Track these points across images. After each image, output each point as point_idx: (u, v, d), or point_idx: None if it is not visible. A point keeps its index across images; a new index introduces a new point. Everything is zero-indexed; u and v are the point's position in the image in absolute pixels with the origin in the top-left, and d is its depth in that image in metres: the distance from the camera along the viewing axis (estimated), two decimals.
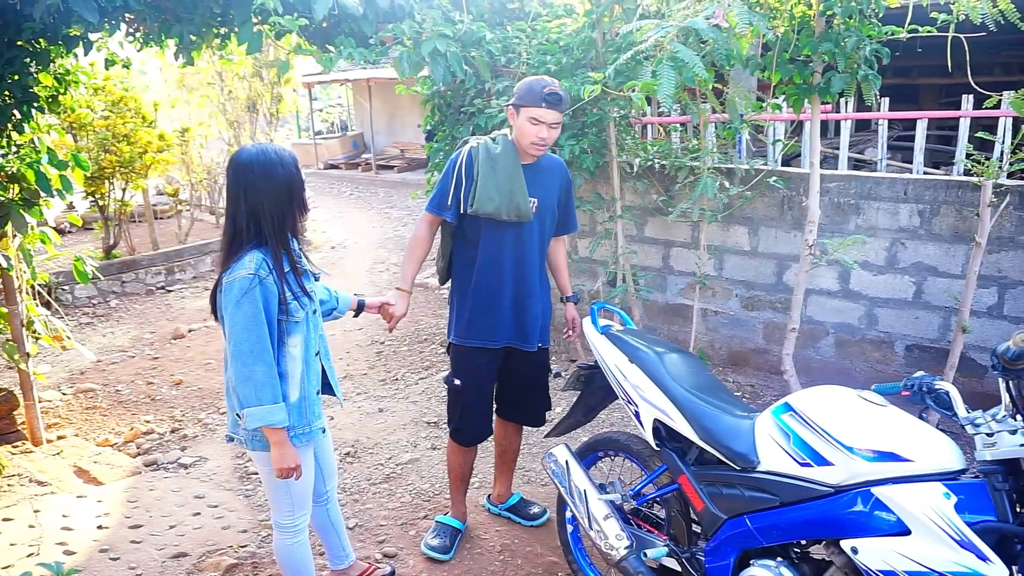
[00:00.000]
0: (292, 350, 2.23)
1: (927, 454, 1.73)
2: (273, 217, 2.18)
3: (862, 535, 1.73)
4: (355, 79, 16.21)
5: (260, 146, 2.25)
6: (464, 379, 2.90)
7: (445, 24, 4.06)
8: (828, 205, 4.13)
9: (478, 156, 2.70)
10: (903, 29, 3.36)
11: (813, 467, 1.87)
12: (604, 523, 2.37)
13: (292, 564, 2.50)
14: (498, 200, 2.66)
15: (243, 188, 2.16)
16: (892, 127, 7.71)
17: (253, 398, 2.11)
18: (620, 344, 2.52)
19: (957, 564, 1.57)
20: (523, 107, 2.62)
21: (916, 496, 1.67)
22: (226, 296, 2.14)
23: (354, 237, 10.44)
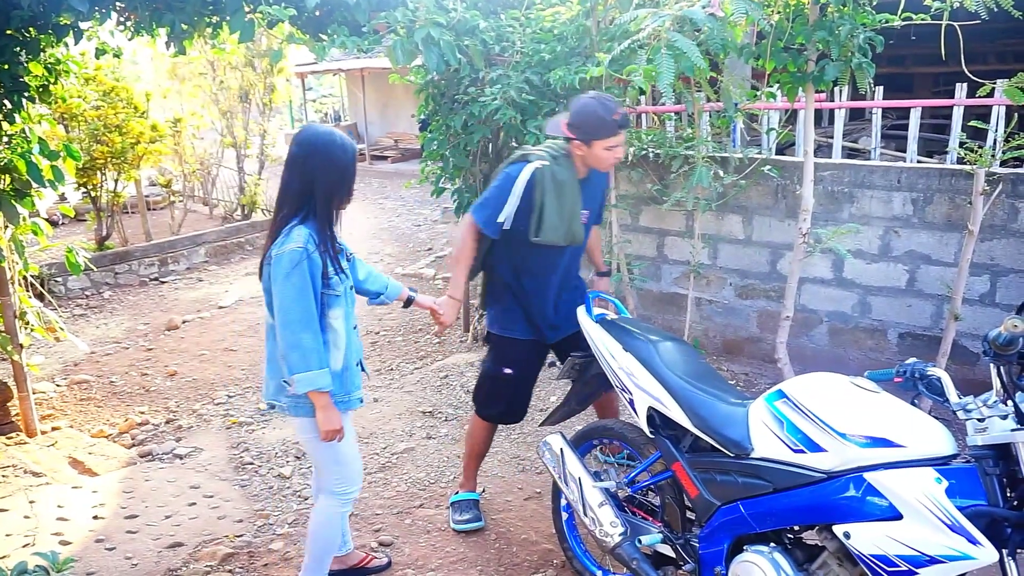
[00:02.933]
0: (334, 322, 2.34)
1: (919, 440, 1.75)
2: (324, 196, 2.29)
3: (854, 520, 1.74)
4: (348, 69, 16.12)
5: (328, 129, 2.41)
6: (514, 368, 2.95)
7: (438, 12, 4.04)
8: (822, 194, 4.14)
9: (542, 182, 2.63)
10: (897, 17, 3.36)
11: (806, 453, 1.88)
12: (599, 510, 2.38)
13: (329, 533, 2.55)
14: (560, 229, 2.67)
15: (302, 163, 2.29)
16: (886, 116, 7.71)
17: (302, 364, 2.20)
18: (614, 332, 2.52)
19: (948, 547, 1.58)
20: (595, 140, 2.56)
21: (908, 481, 1.68)
22: (275, 268, 2.22)
23: (348, 228, 10.27)
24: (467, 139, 4.54)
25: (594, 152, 2.59)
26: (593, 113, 2.54)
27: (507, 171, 2.72)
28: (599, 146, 2.56)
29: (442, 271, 7.60)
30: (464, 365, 5.03)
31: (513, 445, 3.95)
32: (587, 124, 2.55)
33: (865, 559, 1.70)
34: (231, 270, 8.40)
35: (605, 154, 2.58)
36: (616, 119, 2.51)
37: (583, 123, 2.57)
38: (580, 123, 2.58)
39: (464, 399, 4.55)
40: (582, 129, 2.57)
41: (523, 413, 3.13)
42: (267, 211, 10.19)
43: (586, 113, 2.56)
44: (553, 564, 2.91)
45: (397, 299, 2.84)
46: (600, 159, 2.61)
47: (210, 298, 7.25)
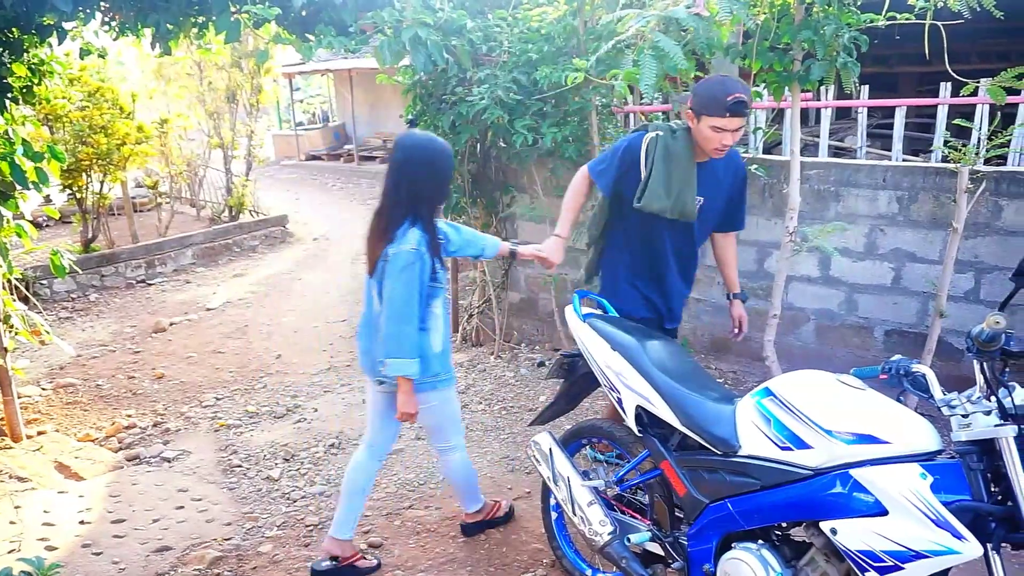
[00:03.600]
0: (435, 310, 2.64)
1: (904, 436, 1.76)
2: (429, 199, 2.56)
3: (841, 516, 1.75)
4: (336, 69, 16.07)
5: (427, 135, 2.64)
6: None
7: (425, 12, 4.03)
8: (808, 192, 4.16)
9: (654, 150, 2.63)
10: (881, 17, 3.38)
11: (793, 450, 1.89)
12: (588, 509, 2.39)
13: (468, 474, 3.03)
14: (666, 200, 2.64)
15: (407, 168, 2.53)
16: (871, 115, 7.77)
17: (397, 351, 2.50)
18: (602, 332, 2.52)
19: (933, 542, 1.59)
20: (704, 115, 2.49)
21: (894, 477, 1.69)
22: (391, 265, 2.49)
23: (337, 228, 10.39)
24: (455, 139, 4.53)
25: (700, 128, 2.52)
26: (709, 86, 2.51)
27: (627, 135, 2.78)
28: (706, 123, 2.49)
29: None
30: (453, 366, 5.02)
31: (503, 445, 3.95)
32: (700, 95, 2.51)
33: (852, 555, 1.71)
34: (219, 272, 8.35)
35: (710, 133, 2.50)
36: (728, 100, 2.41)
37: (697, 93, 2.53)
38: (696, 92, 2.54)
39: None
40: (695, 99, 2.53)
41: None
42: (255, 212, 10.15)
43: (704, 85, 2.54)
44: (543, 564, 2.91)
45: (499, 254, 2.97)
46: (705, 138, 2.53)
47: (197, 300, 7.21)
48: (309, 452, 4.03)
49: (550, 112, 4.20)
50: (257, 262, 8.79)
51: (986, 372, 1.68)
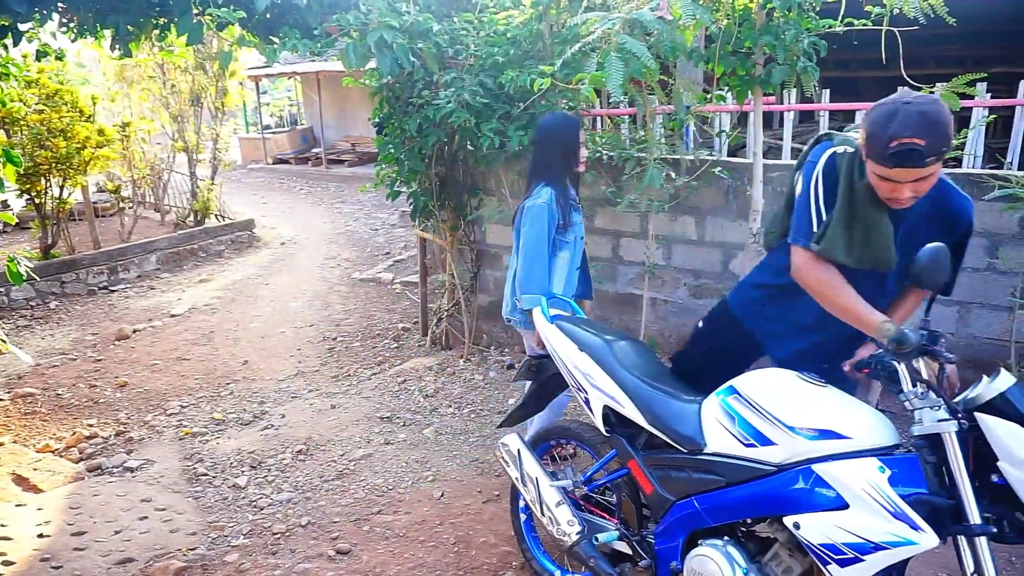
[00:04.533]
0: (560, 261, 3.09)
1: (863, 431, 1.80)
2: (559, 163, 3.07)
3: (804, 511, 1.78)
4: (304, 72, 15.93)
5: (556, 114, 3.26)
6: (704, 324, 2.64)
7: (391, 15, 4.02)
8: (772, 194, 4.22)
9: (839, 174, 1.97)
10: (838, 22, 3.45)
11: (757, 447, 1.91)
12: (556, 509, 2.40)
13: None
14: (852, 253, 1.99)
15: (541, 141, 3.13)
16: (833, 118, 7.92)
17: (528, 287, 2.92)
18: (570, 333, 2.54)
19: (892, 534, 1.63)
20: (869, 159, 1.86)
21: (853, 471, 1.72)
22: (526, 216, 3.00)
23: (305, 233, 10.29)
24: (422, 142, 4.52)
25: (869, 171, 1.89)
26: (876, 116, 1.81)
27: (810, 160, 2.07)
28: (872, 168, 1.86)
29: (400, 275, 7.56)
30: (423, 369, 5.01)
31: (472, 448, 3.95)
32: (865, 131, 1.84)
33: (814, 548, 1.74)
34: (184, 277, 8.22)
35: (878, 183, 1.86)
36: (890, 146, 1.75)
37: (868, 128, 1.83)
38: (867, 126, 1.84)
39: (423, 404, 4.53)
40: (865, 136, 1.84)
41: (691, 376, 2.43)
42: (221, 217, 10.00)
43: (872, 117, 1.82)
44: (512, 566, 2.91)
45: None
46: (876, 186, 1.89)
47: (162, 307, 7.08)
48: (276, 459, 3.98)
49: (517, 115, 4.22)
50: (223, 267, 8.67)
51: (916, 373, 1.73)
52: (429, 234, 5.28)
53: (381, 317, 6.39)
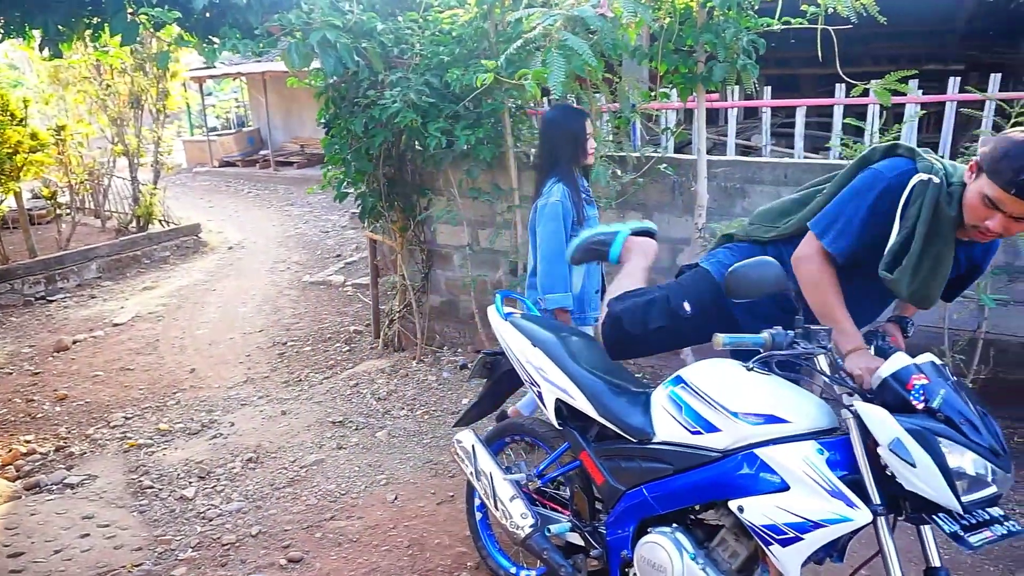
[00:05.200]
0: None
1: (802, 415, 1.85)
2: (566, 158, 3.04)
3: (747, 494, 1.82)
4: (249, 73, 15.59)
5: (561, 106, 3.29)
6: (694, 309, 2.28)
7: (334, 14, 3.96)
8: (716, 189, 4.30)
9: (921, 201, 1.82)
10: (775, 20, 3.53)
11: (703, 434, 1.95)
12: (509, 504, 2.41)
13: None
14: (918, 284, 1.86)
15: (547, 135, 3.09)
16: (776, 115, 8.11)
17: (550, 287, 2.97)
18: (523, 329, 2.55)
19: (829, 512, 1.68)
20: (988, 177, 1.72)
21: (793, 453, 1.77)
22: (540, 215, 3.00)
23: (253, 237, 10.09)
24: (368, 142, 4.47)
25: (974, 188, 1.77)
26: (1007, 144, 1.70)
27: (876, 168, 1.93)
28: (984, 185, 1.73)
29: (351, 278, 7.46)
30: (375, 372, 4.96)
31: (426, 450, 3.92)
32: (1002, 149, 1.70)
33: (757, 530, 1.78)
34: (127, 285, 7.97)
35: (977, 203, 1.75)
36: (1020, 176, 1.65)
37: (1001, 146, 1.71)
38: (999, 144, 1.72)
39: (375, 407, 4.49)
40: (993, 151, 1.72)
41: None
42: (165, 222, 9.73)
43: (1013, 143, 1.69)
44: (467, 567, 2.90)
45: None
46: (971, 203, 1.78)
47: (103, 316, 6.85)
48: (226, 468, 3.89)
49: (464, 114, 4.20)
50: (168, 273, 8.43)
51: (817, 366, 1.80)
52: (379, 235, 5.23)
53: (332, 320, 6.30)
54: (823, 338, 1.81)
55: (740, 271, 1.74)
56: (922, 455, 1.56)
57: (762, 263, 1.75)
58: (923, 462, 1.56)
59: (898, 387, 1.67)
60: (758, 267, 1.75)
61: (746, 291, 1.77)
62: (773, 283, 1.75)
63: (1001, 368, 3.84)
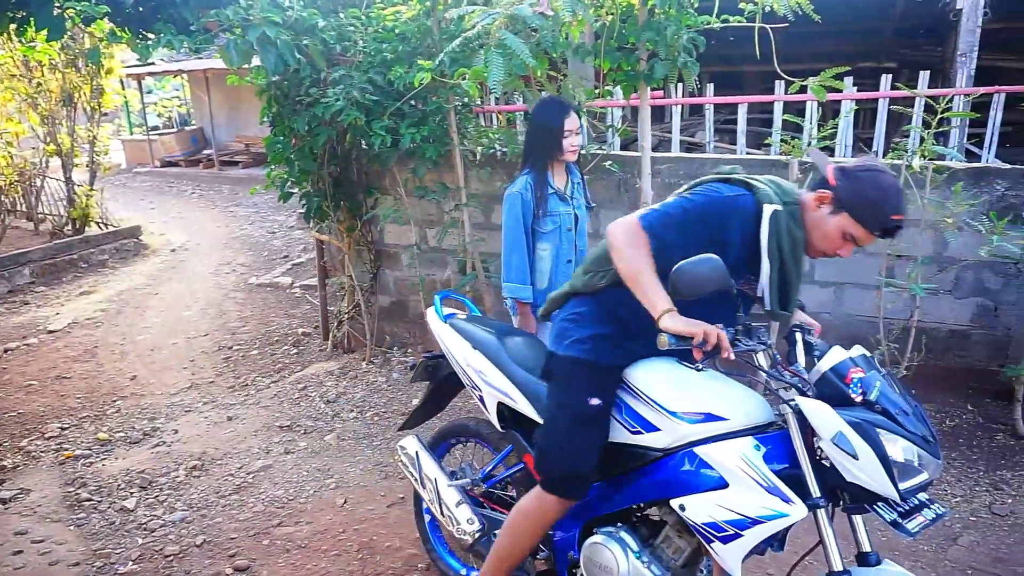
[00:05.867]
0: (542, 252, 3.12)
1: (739, 411, 1.87)
2: (536, 152, 3.07)
3: (688, 492, 1.84)
4: (190, 70, 15.18)
5: (546, 95, 3.36)
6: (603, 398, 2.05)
7: (274, 10, 3.88)
8: (661, 186, 4.35)
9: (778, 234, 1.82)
10: (714, 18, 3.59)
11: (643, 434, 1.96)
12: (456, 509, 2.39)
13: None
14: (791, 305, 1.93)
15: (527, 128, 3.18)
16: (719, 111, 8.27)
17: (508, 276, 3.04)
18: (463, 332, 2.53)
19: (766, 508, 1.71)
20: (852, 216, 1.77)
21: (731, 451, 1.80)
22: (503, 204, 3.07)
23: (197, 238, 9.83)
24: (312, 141, 4.40)
25: (830, 223, 1.81)
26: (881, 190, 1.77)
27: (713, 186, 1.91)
28: (844, 223, 1.79)
29: (299, 279, 7.34)
30: (324, 374, 4.89)
31: (376, 452, 3.88)
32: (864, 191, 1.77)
33: (698, 528, 1.80)
34: (62, 290, 7.67)
35: (836, 237, 1.82)
36: (892, 220, 1.76)
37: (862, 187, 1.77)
38: (859, 183, 1.78)
39: (324, 410, 4.42)
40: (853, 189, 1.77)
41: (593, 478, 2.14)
42: (103, 224, 9.40)
43: (875, 182, 1.77)
44: (418, 568, 2.88)
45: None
46: (827, 236, 1.83)
47: (37, 322, 6.58)
48: (169, 477, 3.79)
49: (408, 112, 4.17)
50: (107, 278, 8.15)
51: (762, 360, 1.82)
52: (326, 236, 5.15)
53: (280, 323, 6.18)
54: (763, 334, 1.84)
55: (685, 268, 1.72)
56: (864, 447, 1.59)
57: (706, 260, 1.72)
58: (865, 454, 1.59)
59: (837, 381, 1.70)
60: (702, 264, 1.73)
61: (692, 289, 1.73)
62: (718, 279, 1.73)
63: (933, 355, 3.99)
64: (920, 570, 2.81)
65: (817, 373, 1.74)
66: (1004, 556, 2.88)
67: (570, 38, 3.69)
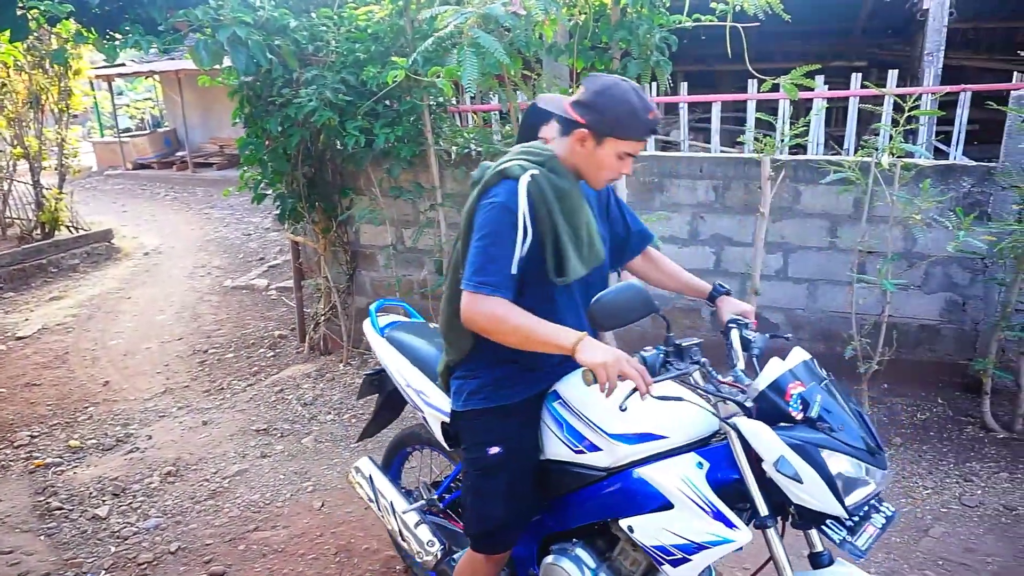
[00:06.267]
0: None
1: (679, 427, 1.78)
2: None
3: (635, 514, 1.76)
4: (162, 71, 14.98)
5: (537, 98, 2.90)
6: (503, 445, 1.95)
7: (244, 10, 3.84)
8: (635, 184, 4.38)
9: (543, 199, 1.79)
10: (685, 18, 3.62)
11: (585, 453, 1.86)
12: (415, 531, 2.31)
13: None
14: (585, 257, 1.88)
15: (518, 132, 2.85)
16: (693, 110, 8.33)
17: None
18: (401, 346, 2.42)
19: (711, 534, 1.64)
20: (614, 137, 1.79)
21: (672, 472, 1.71)
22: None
23: (171, 241, 9.70)
24: (285, 142, 4.36)
25: (600, 154, 1.81)
26: (625, 100, 1.77)
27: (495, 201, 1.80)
28: (614, 147, 1.80)
29: (275, 281, 7.27)
30: (301, 377, 4.85)
31: (353, 454, 3.86)
32: (614, 111, 1.77)
33: (648, 550, 1.73)
34: (31, 296, 7.53)
35: (612, 163, 1.82)
36: (650, 119, 1.79)
37: (609, 108, 1.77)
38: (604, 107, 1.78)
39: (301, 412, 4.39)
40: (604, 116, 1.78)
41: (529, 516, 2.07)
42: (73, 228, 9.24)
43: (616, 97, 1.78)
44: (396, 571, 2.87)
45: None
46: (603, 166, 1.83)
47: (6, 328, 6.45)
48: (142, 484, 3.73)
49: (382, 112, 4.15)
50: (78, 282, 8.02)
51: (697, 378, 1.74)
52: (301, 237, 5.11)
53: (256, 325, 6.12)
54: (695, 353, 1.74)
55: (605, 300, 1.61)
56: (807, 470, 1.53)
57: (627, 288, 1.62)
58: (809, 476, 1.53)
59: (776, 398, 1.61)
60: (623, 292, 1.63)
61: (613, 321, 1.64)
62: (641, 307, 1.63)
63: (904, 349, 4.06)
64: (892, 562, 2.85)
65: (755, 390, 1.64)
66: (974, 546, 2.93)
67: (544, 37, 3.70)
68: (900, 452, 3.65)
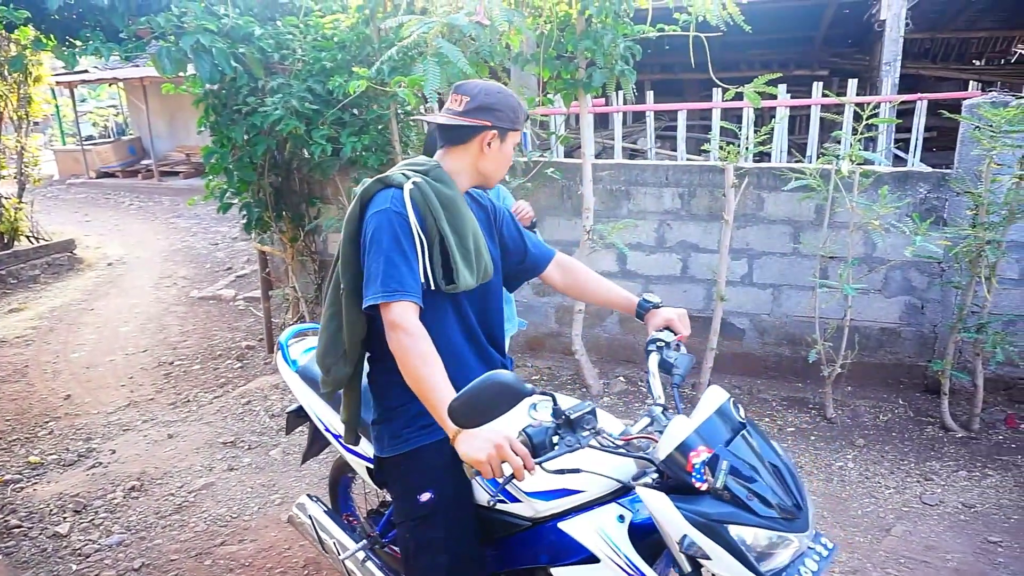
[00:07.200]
0: None
1: (595, 481, 1.69)
2: None
3: (563, 564, 1.71)
4: (126, 78, 14.74)
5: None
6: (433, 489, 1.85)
7: (208, 18, 3.81)
8: (603, 192, 4.42)
9: (430, 205, 1.75)
10: (649, 28, 3.67)
11: (507, 503, 1.80)
12: (361, 569, 2.24)
13: None
14: (473, 266, 1.82)
15: None
16: (660, 118, 8.43)
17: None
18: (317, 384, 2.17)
19: None
20: (515, 131, 1.88)
21: (592, 527, 1.65)
22: None
23: (136, 251, 9.53)
24: (251, 151, 4.33)
25: (506, 149, 1.87)
26: (509, 95, 1.86)
27: (384, 209, 1.73)
28: (512, 140, 1.89)
29: (243, 291, 7.18)
30: (268, 388, 4.79)
31: (322, 466, 3.81)
32: (507, 106, 1.84)
33: None
34: None
35: (510, 155, 1.91)
36: (522, 107, 1.91)
37: (503, 105, 1.83)
38: (500, 105, 1.82)
39: (269, 424, 4.33)
40: (503, 113, 1.83)
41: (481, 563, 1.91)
42: (33, 238, 9.04)
43: (503, 94, 1.85)
44: None
45: None
46: (507, 161, 1.91)
47: None
48: (105, 499, 3.65)
49: (349, 121, 4.14)
50: (39, 294, 7.84)
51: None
52: (268, 247, 5.06)
53: (223, 336, 6.04)
54: (587, 422, 1.55)
55: (464, 401, 1.43)
56: (714, 548, 1.43)
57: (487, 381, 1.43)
58: (717, 554, 1.43)
59: (679, 467, 1.48)
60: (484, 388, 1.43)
61: (479, 420, 1.45)
62: (512, 396, 1.44)
63: (866, 352, 4.15)
64: (856, 561, 2.90)
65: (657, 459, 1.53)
66: (935, 544, 3.00)
67: (511, 47, 3.73)
68: (863, 453, 3.73)
